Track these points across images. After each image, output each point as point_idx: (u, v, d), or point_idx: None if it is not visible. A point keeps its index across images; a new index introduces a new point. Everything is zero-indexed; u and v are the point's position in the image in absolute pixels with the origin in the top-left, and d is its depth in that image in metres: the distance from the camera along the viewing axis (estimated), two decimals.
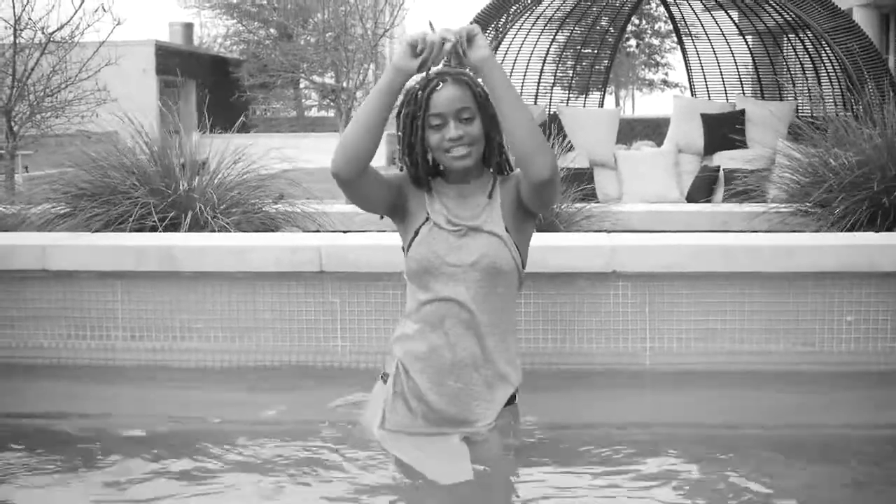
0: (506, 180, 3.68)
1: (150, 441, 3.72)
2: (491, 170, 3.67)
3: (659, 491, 3.26)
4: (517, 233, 3.64)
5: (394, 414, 3.59)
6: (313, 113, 41.92)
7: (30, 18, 10.02)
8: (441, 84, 3.51)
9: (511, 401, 3.65)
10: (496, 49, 13.05)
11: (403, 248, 3.69)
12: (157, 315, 4.70)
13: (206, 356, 4.68)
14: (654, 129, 21.98)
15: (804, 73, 13.56)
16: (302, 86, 39.42)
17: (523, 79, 13.88)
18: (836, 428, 3.97)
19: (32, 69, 10.01)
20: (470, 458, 3.43)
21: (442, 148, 3.54)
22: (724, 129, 11.29)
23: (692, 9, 14.34)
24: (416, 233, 3.62)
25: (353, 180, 3.54)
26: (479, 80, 3.54)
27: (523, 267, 3.67)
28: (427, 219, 3.62)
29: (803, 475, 3.47)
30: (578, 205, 7.19)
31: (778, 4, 12.66)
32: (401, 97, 3.58)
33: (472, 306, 3.56)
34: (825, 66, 12.88)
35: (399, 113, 3.61)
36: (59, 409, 4.21)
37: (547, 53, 14.11)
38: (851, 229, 6.25)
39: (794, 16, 12.70)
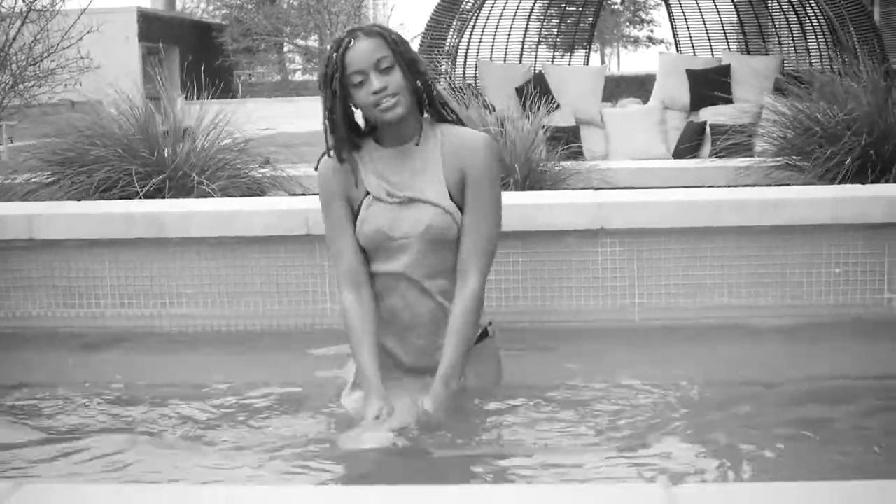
0: (458, 149, 3.57)
1: (140, 407, 3.72)
2: (425, 115, 3.63)
3: (649, 446, 3.26)
4: (461, 195, 3.58)
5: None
6: (297, 77, 41.75)
7: None
8: (353, 40, 3.47)
9: (482, 337, 3.68)
10: (479, 9, 12.99)
11: None
12: (145, 282, 4.70)
13: (195, 322, 4.68)
14: (639, 86, 21.93)
15: (789, 28, 13.52)
16: (286, 49, 39.25)
17: (508, 38, 13.81)
18: (824, 379, 3.98)
19: (14, 38, 9.95)
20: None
21: (370, 103, 3.46)
22: (709, 85, 11.28)
23: None
24: (359, 209, 3.59)
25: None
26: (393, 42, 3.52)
27: None
28: (367, 193, 3.58)
29: (793, 427, 3.47)
30: (565, 163, 7.19)
31: None
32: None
33: (419, 276, 3.57)
34: (810, 20, 12.84)
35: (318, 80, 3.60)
36: (48, 378, 4.20)
37: (531, 12, 14.04)
38: (839, 182, 6.26)
39: None
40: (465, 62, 13.01)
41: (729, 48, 14.01)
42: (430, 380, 3.51)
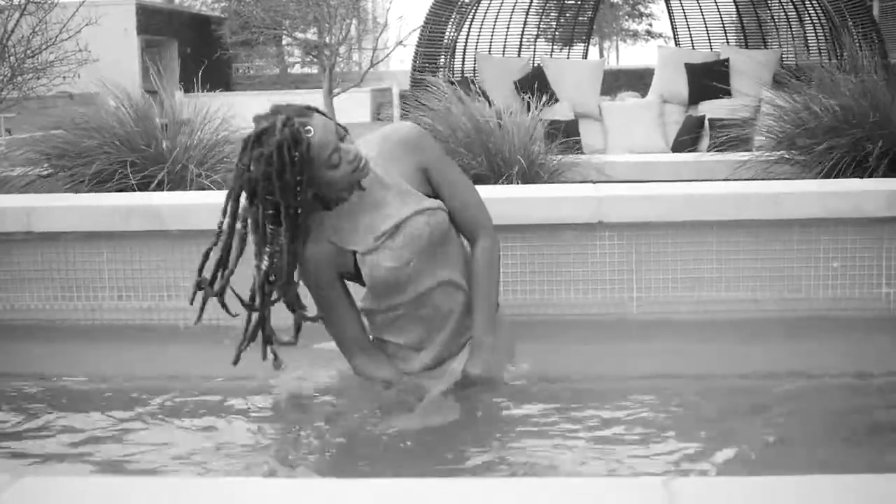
0: (395, 149, 3.50)
1: (139, 400, 3.72)
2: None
3: (647, 440, 3.27)
4: (429, 185, 3.56)
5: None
6: (296, 70, 41.69)
7: None
8: (309, 128, 3.19)
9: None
10: (478, 2, 12.98)
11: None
12: (144, 274, 4.70)
13: (194, 315, 4.67)
14: (638, 80, 21.91)
15: (788, 22, 13.52)
16: (284, 42, 39.21)
17: (506, 31, 13.81)
18: (822, 374, 3.98)
19: (12, 31, 9.94)
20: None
21: (349, 170, 3.26)
22: (708, 79, 11.27)
23: None
24: (358, 270, 3.51)
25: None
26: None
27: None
28: (354, 253, 3.48)
29: (792, 421, 3.48)
30: (563, 156, 7.18)
31: None
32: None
33: (444, 275, 3.56)
34: (809, 14, 12.84)
35: (251, 194, 3.25)
36: (47, 370, 4.20)
37: (530, 5, 14.03)
38: (836, 176, 6.26)
39: None
40: (463, 56, 13.01)
41: (728, 42, 14.01)
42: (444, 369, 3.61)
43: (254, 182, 3.21)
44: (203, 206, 4.69)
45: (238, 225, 3.35)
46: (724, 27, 14.43)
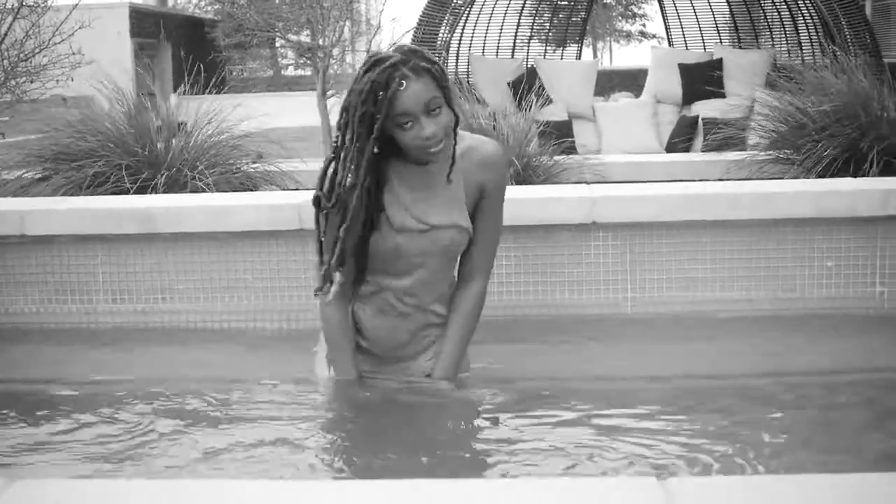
0: (479, 165, 3.53)
1: (133, 403, 3.71)
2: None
3: (641, 440, 3.27)
4: (474, 206, 3.58)
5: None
6: (290, 72, 41.65)
7: None
8: (404, 82, 3.25)
9: None
10: (471, 3, 12.99)
11: None
12: (138, 277, 4.69)
13: (188, 317, 4.68)
14: (631, 81, 21.94)
15: (781, 22, 13.54)
16: (278, 45, 39.16)
17: (500, 32, 13.82)
18: (816, 373, 3.99)
19: (5, 34, 9.92)
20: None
21: (416, 146, 3.32)
22: (701, 79, 11.28)
23: None
24: (372, 227, 3.50)
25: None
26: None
27: None
28: (386, 216, 3.48)
29: (785, 420, 3.48)
30: (558, 157, 7.19)
31: None
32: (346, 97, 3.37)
33: (426, 290, 3.59)
34: (802, 14, 12.86)
35: (346, 108, 3.35)
36: (42, 374, 4.20)
37: (523, 6, 14.04)
38: (830, 175, 6.27)
39: None
40: (457, 57, 13.02)
41: (721, 42, 14.02)
42: (404, 365, 3.65)
43: (350, 99, 3.34)
44: (196, 208, 4.69)
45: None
46: (717, 27, 14.45)
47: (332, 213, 3.41)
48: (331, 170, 3.40)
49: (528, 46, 14.23)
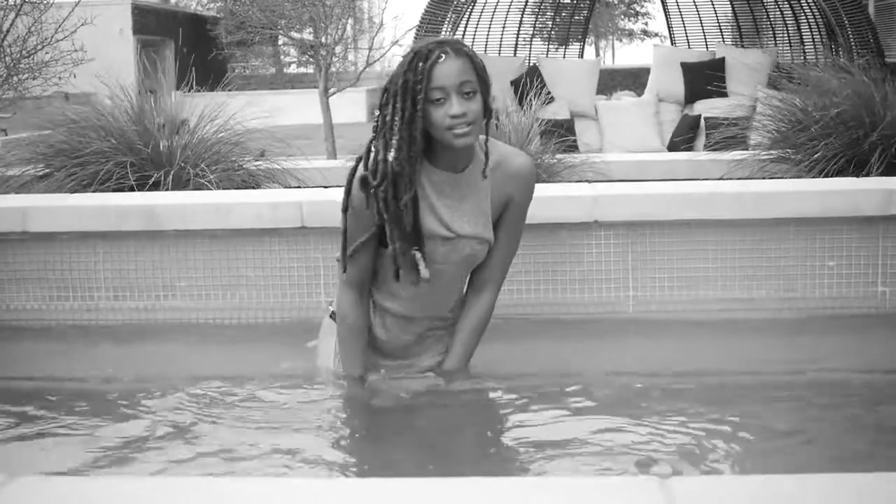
0: (508, 177, 3.55)
1: (134, 400, 3.72)
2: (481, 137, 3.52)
3: (644, 441, 3.26)
4: (498, 216, 3.61)
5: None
6: (292, 70, 41.67)
7: None
8: (443, 56, 3.31)
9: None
10: (474, 2, 12.98)
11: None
12: (139, 274, 4.69)
13: (189, 314, 4.68)
14: (634, 79, 21.92)
15: (784, 21, 13.53)
16: (280, 42, 39.17)
17: (502, 31, 13.82)
18: (818, 373, 3.99)
19: (8, 31, 9.92)
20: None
21: (444, 125, 3.31)
22: (704, 78, 11.28)
23: None
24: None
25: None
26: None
27: None
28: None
29: (786, 420, 3.48)
30: (560, 156, 7.19)
31: None
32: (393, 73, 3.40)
33: (441, 297, 3.62)
34: (805, 13, 12.85)
35: (387, 87, 3.37)
36: (44, 371, 4.20)
37: (526, 5, 14.04)
38: (833, 175, 6.27)
39: None
40: None
41: (724, 41, 14.02)
42: (408, 362, 3.68)
43: (392, 76, 3.40)
44: (199, 205, 4.69)
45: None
46: (719, 26, 14.45)
47: (382, 194, 3.36)
48: (373, 150, 3.40)
49: (531, 45, 14.23)
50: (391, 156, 3.33)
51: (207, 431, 3.40)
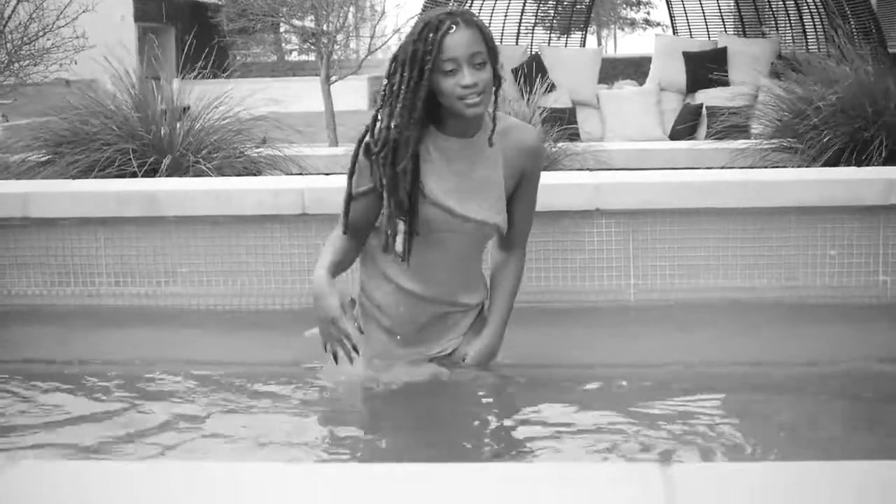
0: (519, 151, 3.58)
1: (135, 385, 3.72)
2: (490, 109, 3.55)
3: (644, 428, 3.27)
4: (512, 188, 3.63)
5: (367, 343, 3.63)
6: (294, 57, 41.62)
7: None
8: (454, 26, 3.34)
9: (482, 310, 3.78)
10: None
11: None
12: (140, 260, 4.70)
13: (190, 300, 4.68)
14: (636, 68, 21.89)
15: (786, 10, 13.52)
16: (282, 30, 39.10)
17: (504, 19, 13.80)
18: (820, 362, 3.99)
19: (9, 17, 9.92)
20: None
21: (455, 95, 3.35)
22: (705, 67, 11.28)
23: None
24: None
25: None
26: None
27: None
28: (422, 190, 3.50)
29: (788, 408, 3.49)
30: (561, 144, 7.19)
31: None
32: (403, 40, 3.45)
33: (450, 269, 3.62)
34: (807, 3, 12.84)
35: (396, 56, 3.42)
36: (45, 355, 4.21)
37: None
38: (833, 164, 6.26)
39: None
40: None
41: (725, 31, 14.01)
42: (425, 348, 3.66)
43: (401, 45, 3.45)
44: (200, 192, 4.69)
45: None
46: (721, 15, 14.44)
47: (381, 160, 3.43)
48: (379, 118, 3.45)
49: (533, 33, 14.21)
50: (393, 123, 3.39)
51: (206, 417, 3.41)
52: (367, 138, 3.46)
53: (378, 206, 3.50)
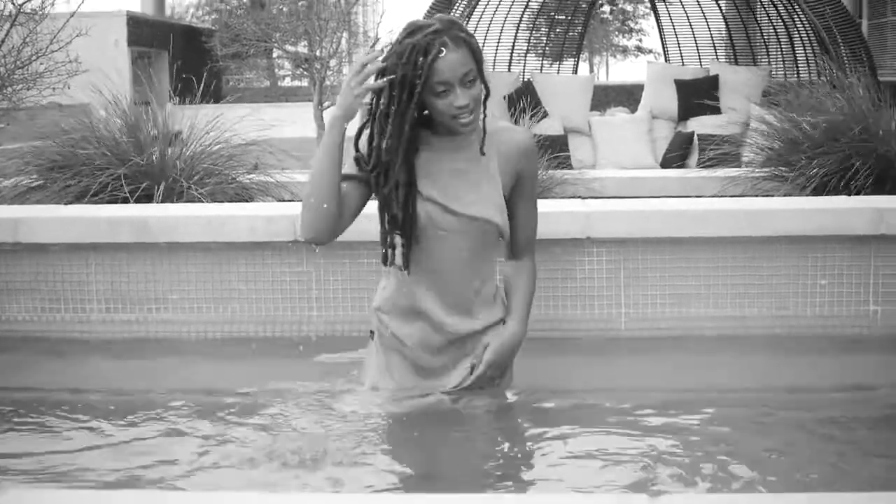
0: (513, 153, 3.58)
1: (125, 413, 3.71)
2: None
3: (633, 457, 3.27)
4: (510, 192, 3.62)
5: (387, 375, 3.65)
6: (287, 83, 41.69)
7: None
8: (444, 50, 3.35)
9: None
10: (468, 17, 13.00)
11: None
12: (131, 287, 4.69)
13: (181, 327, 4.67)
14: (628, 96, 21.96)
15: (777, 38, 13.56)
16: (275, 55, 39.18)
17: (497, 46, 13.83)
18: (810, 391, 3.99)
19: (2, 41, 9.91)
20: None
21: (449, 114, 3.40)
22: (697, 95, 11.30)
23: None
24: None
25: (336, 234, 3.54)
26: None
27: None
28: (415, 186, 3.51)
29: (778, 438, 3.49)
30: (553, 171, 7.20)
31: None
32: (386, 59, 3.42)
33: (454, 272, 3.58)
34: (798, 31, 12.88)
35: (383, 73, 3.41)
36: (34, 382, 4.20)
37: (520, 20, 14.06)
38: (824, 193, 6.28)
39: None
40: None
41: (717, 58, 14.05)
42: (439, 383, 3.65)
43: (390, 62, 3.41)
44: (191, 218, 4.69)
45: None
46: (713, 43, 14.47)
47: (374, 180, 3.47)
48: (366, 133, 3.47)
49: (525, 60, 14.24)
50: (384, 144, 3.41)
51: (196, 445, 3.39)
52: (355, 153, 3.50)
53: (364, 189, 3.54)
